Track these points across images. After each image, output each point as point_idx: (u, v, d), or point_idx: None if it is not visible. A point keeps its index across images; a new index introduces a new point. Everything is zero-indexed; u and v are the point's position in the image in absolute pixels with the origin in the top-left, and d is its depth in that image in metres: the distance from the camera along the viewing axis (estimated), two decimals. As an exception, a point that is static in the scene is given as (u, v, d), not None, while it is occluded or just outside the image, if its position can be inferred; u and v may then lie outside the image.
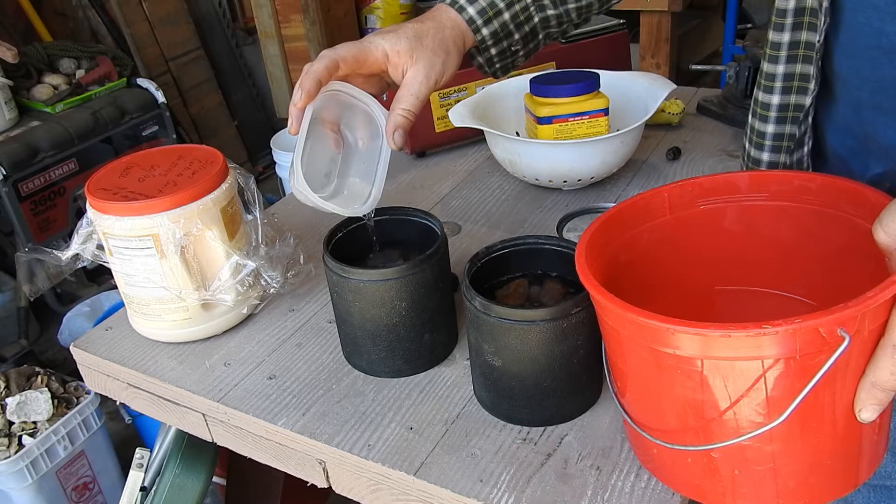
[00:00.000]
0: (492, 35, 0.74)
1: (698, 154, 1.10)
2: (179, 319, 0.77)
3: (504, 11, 0.73)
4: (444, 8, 0.73)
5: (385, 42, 0.69)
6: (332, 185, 0.73)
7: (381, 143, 0.71)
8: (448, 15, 0.72)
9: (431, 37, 0.70)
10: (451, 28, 0.72)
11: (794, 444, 0.48)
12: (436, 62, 0.69)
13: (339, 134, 0.72)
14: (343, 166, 0.73)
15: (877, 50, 0.58)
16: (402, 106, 0.68)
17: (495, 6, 0.73)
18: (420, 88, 0.68)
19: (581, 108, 0.96)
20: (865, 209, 0.52)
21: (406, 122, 0.69)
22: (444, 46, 0.70)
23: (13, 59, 2.01)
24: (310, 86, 0.65)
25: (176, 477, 0.89)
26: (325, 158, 0.72)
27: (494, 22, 0.73)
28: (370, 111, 0.71)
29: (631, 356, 0.52)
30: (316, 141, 0.71)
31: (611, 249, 0.58)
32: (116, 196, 0.72)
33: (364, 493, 0.65)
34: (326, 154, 0.72)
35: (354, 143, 0.73)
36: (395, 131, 0.68)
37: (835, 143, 0.68)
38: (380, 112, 0.71)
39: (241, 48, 3.09)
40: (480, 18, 0.72)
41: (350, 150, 0.73)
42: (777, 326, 0.42)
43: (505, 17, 0.73)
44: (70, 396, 1.55)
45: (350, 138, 0.73)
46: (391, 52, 0.69)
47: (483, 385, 0.66)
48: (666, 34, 2.27)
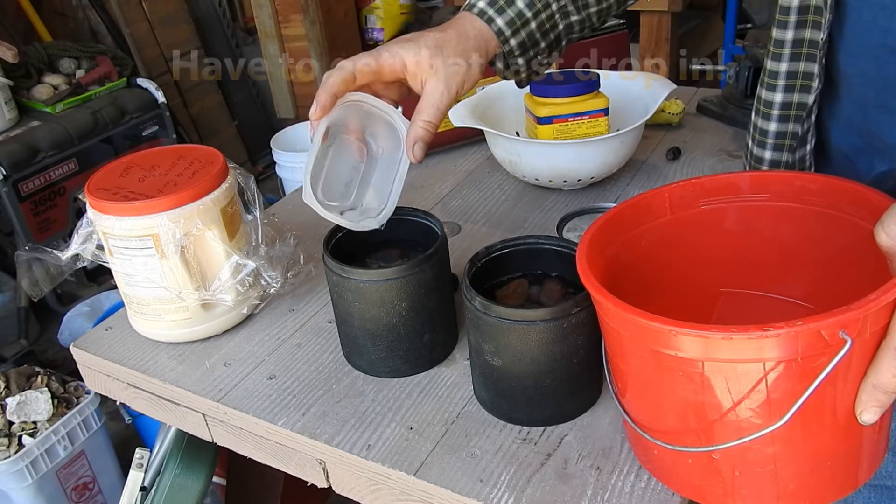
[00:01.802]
0: (519, 45, 0.72)
1: (698, 154, 1.10)
2: (179, 319, 0.76)
3: (531, 21, 0.71)
4: (468, 17, 0.71)
5: (404, 52, 0.67)
6: (353, 194, 0.71)
7: (401, 156, 0.69)
8: (473, 24, 0.70)
9: (452, 47, 0.68)
10: (475, 38, 0.70)
11: (795, 446, 0.48)
12: (456, 72, 0.67)
13: (364, 142, 0.71)
14: (365, 175, 0.72)
15: (882, 48, 0.58)
16: (423, 118, 0.66)
17: (523, 16, 0.71)
18: (441, 99, 0.66)
19: (581, 108, 0.96)
20: (867, 210, 0.52)
21: (427, 134, 0.67)
22: (465, 56, 0.68)
23: (13, 58, 2.01)
24: (325, 99, 0.64)
25: (176, 477, 0.89)
26: (346, 167, 0.71)
27: (522, 32, 0.71)
28: (392, 121, 0.69)
29: (632, 357, 0.52)
30: (339, 149, 0.70)
31: (612, 250, 0.58)
32: (116, 196, 0.72)
33: (364, 493, 0.65)
34: (349, 162, 0.71)
35: (377, 152, 0.72)
36: (415, 144, 0.66)
37: (839, 142, 0.68)
38: (401, 122, 0.69)
39: (241, 48, 3.10)
40: (509, 29, 0.71)
41: (373, 159, 0.72)
42: (779, 329, 0.42)
43: (532, 27, 0.72)
44: (70, 396, 1.55)
45: (374, 147, 0.71)
46: (410, 63, 0.67)
47: (483, 385, 0.66)
48: (666, 34, 2.27)
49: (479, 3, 0.71)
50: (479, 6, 0.71)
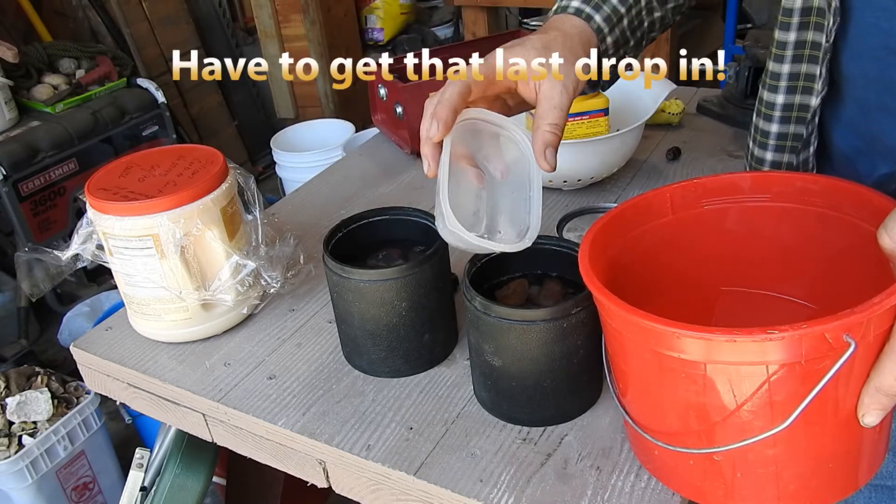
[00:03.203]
0: (614, 43, 0.70)
1: (698, 154, 1.10)
2: (179, 319, 0.76)
3: (624, 17, 0.70)
4: (565, 17, 0.68)
5: (515, 57, 0.62)
6: (484, 222, 0.64)
7: (530, 168, 0.63)
8: (572, 23, 0.68)
9: (560, 46, 0.64)
10: (578, 35, 0.67)
11: (796, 448, 0.48)
12: (570, 71, 0.64)
13: (477, 167, 0.64)
14: (490, 201, 0.65)
15: (885, 51, 0.58)
16: (548, 121, 0.61)
17: (618, 12, 0.69)
18: (562, 100, 0.62)
19: (581, 108, 0.96)
20: (868, 212, 0.52)
21: (555, 138, 0.61)
22: (574, 54, 0.65)
23: (13, 58, 2.01)
24: (446, 115, 0.58)
25: (176, 477, 0.89)
26: (469, 196, 0.64)
27: (616, 29, 0.70)
28: (511, 135, 0.63)
29: (633, 358, 0.52)
30: (455, 178, 0.62)
31: (613, 250, 0.58)
32: (116, 196, 0.72)
33: (364, 493, 0.65)
34: (470, 191, 0.64)
35: (495, 174, 0.65)
36: (545, 150, 0.61)
37: (841, 144, 0.68)
38: (522, 134, 0.64)
39: (241, 48, 3.09)
40: (607, 26, 0.69)
41: (492, 183, 0.65)
42: (783, 332, 0.42)
43: (624, 24, 0.70)
44: (70, 396, 1.55)
45: (490, 170, 0.65)
46: (523, 67, 0.62)
47: (483, 385, 0.66)
48: (666, 34, 2.27)
49: (574, 3, 0.69)
50: (573, 5, 0.69)
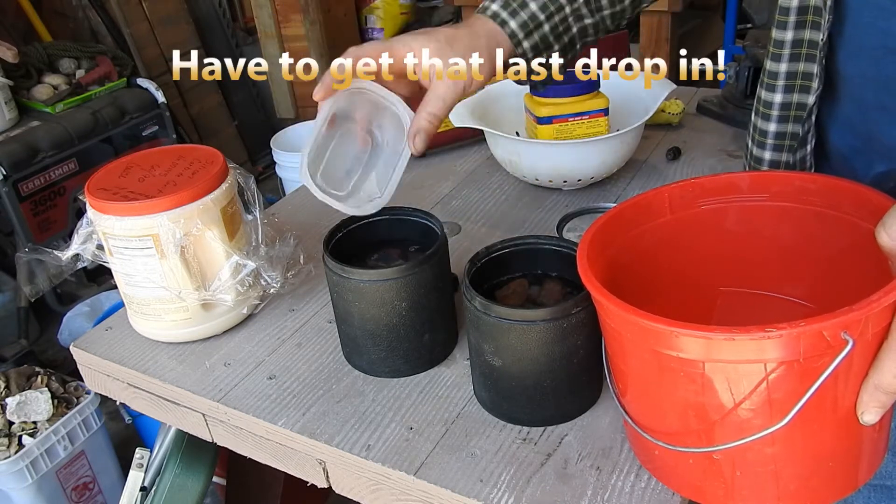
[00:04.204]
0: (532, 48, 0.72)
1: (698, 154, 1.10)
2: (179, 319, 0.76)
3: (544, 24, 0.72)
4: (481, 18, 0.71)
5: (415, 42, 0.68)
6: (352, 182, 0.72)
7: (403, 147, 0.70)
8: (485, 26, 0.71)
9: (463, 44, 0.68)
10: (486, 37, 0.70)
11: (795, 446, 0.48)
12: (463, 69, 0.67)
13: (370, 133, 0.72)
14: (367, 166, 0.72)
15: (882, 50, 0.58)
16: (428, 110, 0.67)
17: (536, 19, 0.71)
18: (447, 93, 0.67)
19: (581, 108, 0.96)
20: (867, 211, 0.52)
21: (430, 126, 0.67)
22: (475, 54, 0.68)
23: (13, 58, 2.01)
24: (328, 80, 0.66)
25: (176, 477, 0.89)
26: (349, 156, 0.72)
27: (535, 35, 0.72)
28: (397, 111, 0.70)
29: (633, 358, 0.52)
30: (343, 138, 0.71)
31: (612, 250, 0.58)
32: (116, 196, 0.72)
33: (364, 493, 0.65)
34: (352, 152, 0.72)
35: (382, 143, 0.72)
36: (416, 134, 0.67)
37: (838, 142, 0.68)
38: (406, 114, 0.70)
39: (241, 48, 3.10)
40: (522, 32, 0.71)
41: (377, 151, 0.73)
42: (781, 330, 0.42)
43: (545, 30, 0.72)
44: (70, 396, 1.55)
45: (379, 138, 0.72)
46: (419, 54, 0.67)
47: (483, 385, 0.66)
48: (666, 34, 2.28)
49: (493, 6, 0.71)
50: (492, 9, 0.71)
